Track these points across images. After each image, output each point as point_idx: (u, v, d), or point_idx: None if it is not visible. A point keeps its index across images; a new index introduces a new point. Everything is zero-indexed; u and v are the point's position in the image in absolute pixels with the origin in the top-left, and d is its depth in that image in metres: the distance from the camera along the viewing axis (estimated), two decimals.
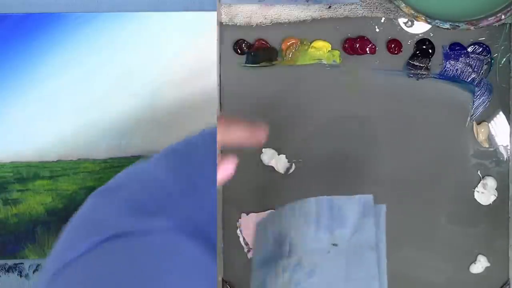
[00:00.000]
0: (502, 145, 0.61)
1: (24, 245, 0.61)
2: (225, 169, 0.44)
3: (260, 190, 0.61)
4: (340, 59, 0.60)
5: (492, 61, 0.61)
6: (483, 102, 0.61)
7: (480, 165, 0.61)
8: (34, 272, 0.62)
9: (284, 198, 0.60)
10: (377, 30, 0.61)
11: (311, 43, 0.60)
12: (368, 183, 0.61)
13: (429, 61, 0.61)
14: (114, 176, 0.46)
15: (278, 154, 0.61)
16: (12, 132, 0.61)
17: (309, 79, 0.60)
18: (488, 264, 0.61)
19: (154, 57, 0.62)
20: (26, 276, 0.62)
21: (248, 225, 0.60)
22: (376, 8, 0.60)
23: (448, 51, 0.61)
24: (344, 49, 0.60)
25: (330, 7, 0.60)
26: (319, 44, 0.60)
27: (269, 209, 0.60)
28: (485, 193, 0.61)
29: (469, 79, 0.61)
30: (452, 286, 0.61)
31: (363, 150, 0.61)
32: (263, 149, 0.60)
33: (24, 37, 0.61)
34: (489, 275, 0.61)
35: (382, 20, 0.60)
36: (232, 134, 0.44)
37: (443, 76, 0.61)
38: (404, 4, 0.54)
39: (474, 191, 0.61)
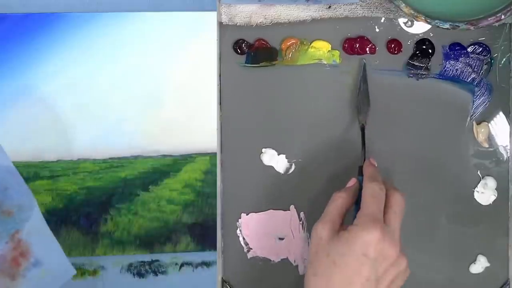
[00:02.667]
0: (502, 145, 0.61)
1: None
2: None
3: (260, 190, 0.61)
4: (340, 59, 0.60)
5: (492, 61, 0.61)
6: (483, 102, 0.61)
7: (480, 165, 0.61)
8: None
9: (284, 198, 0.61)
10: (377, 30, 0.61)
11: (311, 43, 0.60)
12: None
13: (429, 61, 0.61)
14: None
15: (278, 154, 0.61)
16: (12, 132, 0.61)
17: (309, 79, 0.60)
18: (488, 264, 0.61)
19: (154, 57, 0.62)
20: None
21: (248, 225, 0.60)
22: (376, 8, 0.60)
23: (448, 51, 0.61)
24: (344, 49, 0.60)
25: (330, 7, 0.60)
26: (319, 44, 0.60)
27: (269, 209, 0.60)
28: (485, 193, 0.61)
29: (469, 79, 0.61)
30: (452, 286, 0.61)
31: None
32: (263, 149, 0.61)
33: (24, 37, 0.61)
34: (489, 275, 0.61)
35: (382, 20, 0.60)
36: None
37: (443, 76, 0.61)
38: (404, 4, 0.54)
39: (474, 191, 0.61)
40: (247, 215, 0.61)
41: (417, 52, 0.60)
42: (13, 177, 0.56)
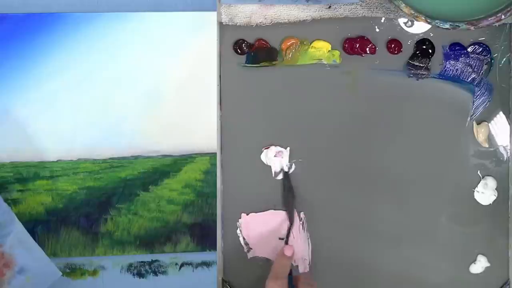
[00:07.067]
0: (502, 145, 0.61)
1: None
2: None
3: (260, 190, 0.61)
4: (340, 59, 0.61)
5: (492, 61, 0.61)
6: (483, 102, 0.61)
7: (480, 165, 0.61)
8: None
9: None
10: (377, 30, 0.61)
11: (311, 43, 0.60)
12: (368, 183, 0.61)
13: (429, 61, 0.61)
14: None
15: None
16: (12, 132, 0.61)
17: (309, 79, 0.61)
18: (488, 264, 0.61)
19: (154, 57, 0.62)
20: None
21: (248, 225, 0.60)
22: (376, 8, 0.60)
23: (448, 51, 0.61)
24: (344, 49, 0.60)
25: (330, 7, 0.60)
26: (319, 44, 0.60)
27: (269, 209, 0.60)
28: (485, 193, 0.61)
29: (469, 79, 0.61)
30: (452, 286, 0.61)
31: (363, 150, 0.61)
32: (263, 149, 0.61)
33: (24, 37, 0.61)
34: (489, 275, 0.61)
35: (382, 20, 0.60)
36: None
37: (443, 76, 0.61)
38: (404, 4, 0.54)
39: (474, 191, 0.61)
40: (247, 215, 0.61)
41: (417, 52, 0.60)
42: None
